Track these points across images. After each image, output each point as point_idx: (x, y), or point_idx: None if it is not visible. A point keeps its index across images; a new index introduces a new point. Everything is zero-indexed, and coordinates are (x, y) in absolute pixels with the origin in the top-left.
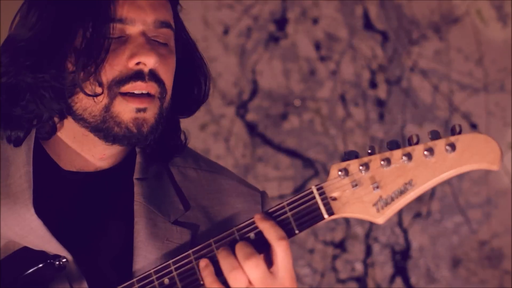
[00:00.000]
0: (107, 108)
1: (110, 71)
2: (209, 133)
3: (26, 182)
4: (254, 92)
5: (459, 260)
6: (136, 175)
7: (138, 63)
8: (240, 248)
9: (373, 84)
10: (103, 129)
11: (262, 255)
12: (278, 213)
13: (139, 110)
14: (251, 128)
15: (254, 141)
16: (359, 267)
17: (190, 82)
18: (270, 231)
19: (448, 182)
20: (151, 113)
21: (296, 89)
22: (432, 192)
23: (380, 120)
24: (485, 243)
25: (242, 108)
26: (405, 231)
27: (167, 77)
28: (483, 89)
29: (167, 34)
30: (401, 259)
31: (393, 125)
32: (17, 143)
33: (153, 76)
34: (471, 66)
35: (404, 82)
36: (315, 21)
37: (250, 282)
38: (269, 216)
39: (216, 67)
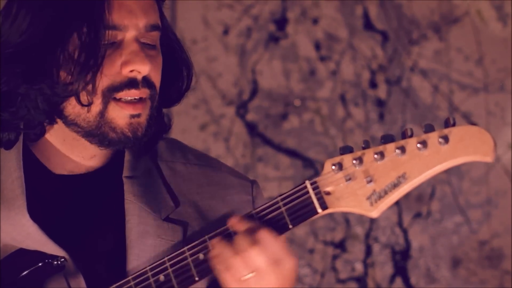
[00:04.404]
0: (102, 114)
1: (104, 78)
2: (209, 133)
3: (18, 188)
4: (254, 92)
5: (459, 260)
6: (125, 173)
7: (132, 70)
8: (242, 237)
9: (373, 84)
10: (98, 134)
11: None
12: (272, 208)
13: (133, 116)
14: (251, 128)
15: (254, 141)
16: (359, 267)
17: (173, 75)
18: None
19: (448, 182)
20: (144, 116)
21: (296, 89)
22: (432, 192)
23: (380, 120)
24: (485, 243)
25: (242, 108)
26: (405, 231)
27: (157, 79)
28: (483, 89)
29: (155, 36)
30: (401, 259)
31: (393, 125)
32: (8, 146)
33: (147, 82)
34: (471, 66)
35: (404, 82)
36: (315, 21)
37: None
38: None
39: (216, 67)
